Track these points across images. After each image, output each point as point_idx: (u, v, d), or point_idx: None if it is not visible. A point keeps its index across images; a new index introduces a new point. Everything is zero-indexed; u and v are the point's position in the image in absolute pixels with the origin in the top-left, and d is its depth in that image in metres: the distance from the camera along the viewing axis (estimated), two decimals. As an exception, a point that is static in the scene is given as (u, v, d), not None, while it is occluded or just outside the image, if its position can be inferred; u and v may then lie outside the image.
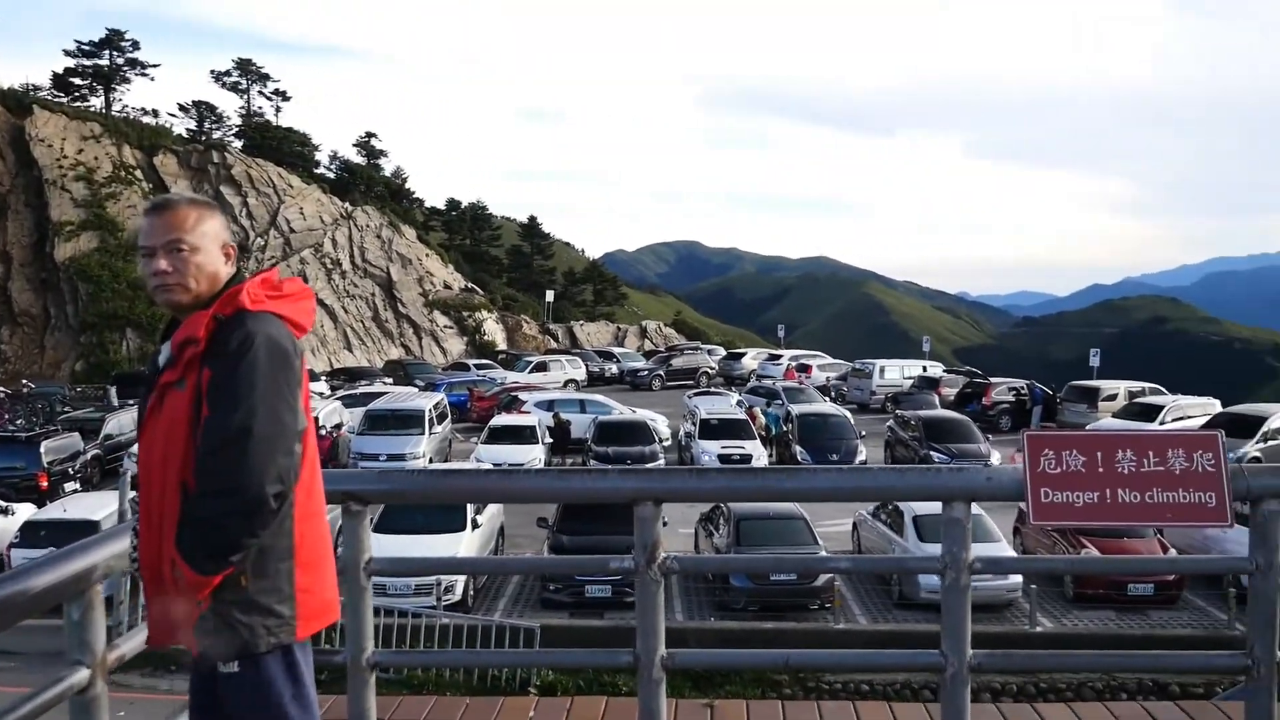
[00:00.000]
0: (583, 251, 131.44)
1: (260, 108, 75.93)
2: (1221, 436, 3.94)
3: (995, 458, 26.13)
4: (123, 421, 28.78)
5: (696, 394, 38.39)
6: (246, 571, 2.58)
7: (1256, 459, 27.29)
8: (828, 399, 38.94)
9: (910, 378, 42.15)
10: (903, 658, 6.71)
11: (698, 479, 4.19)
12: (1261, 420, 28.58)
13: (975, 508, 4.04)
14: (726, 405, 33.43)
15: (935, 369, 44.93)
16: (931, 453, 26.58)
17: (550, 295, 73.51)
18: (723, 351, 59.29)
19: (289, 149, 70.07)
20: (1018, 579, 17.09)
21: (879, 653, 9.34)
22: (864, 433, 30.18)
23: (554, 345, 66.19)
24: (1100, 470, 3.86)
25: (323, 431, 26.12)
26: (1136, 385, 36.79)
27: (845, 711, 4.15)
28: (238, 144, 68.66)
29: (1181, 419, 30.81)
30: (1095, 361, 40.18)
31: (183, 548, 2.50)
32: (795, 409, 31.01)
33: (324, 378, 44.86)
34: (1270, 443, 27.87)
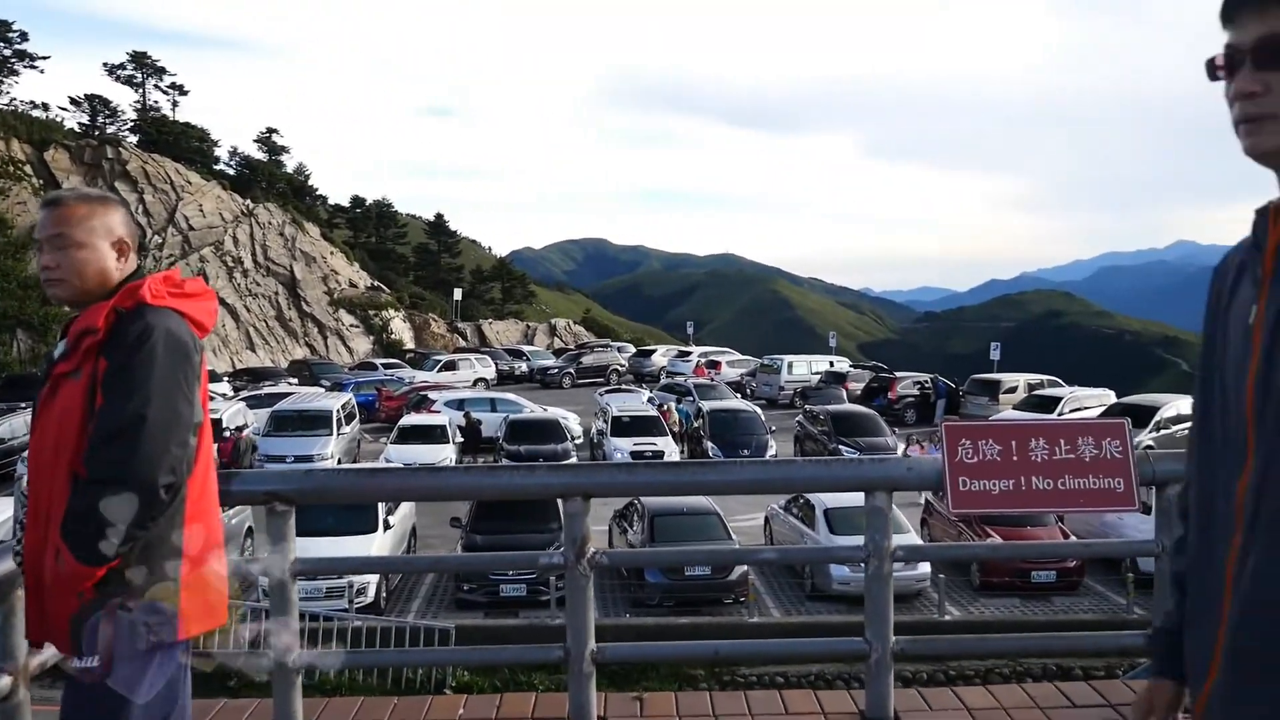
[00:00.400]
0: (490, 249, 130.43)
1: (156, 102, 73.51)
2: (1128, 424, 4.10)
3: (901, 450, 26.71)
4: (15, 425, 27.74)
5: (608, 391, 38.46)
6: (131, 565, 2.51)
7: (1150, 448, 28.31)
8: (738, 395, 39.34)
9: (818, 373, 42.74)
10: (828, 645, 6.81)
11: (626, 473, 4.22)
12: (1154, 410, 29.69)
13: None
14: (638, 402, 33.57)
15: (842, 364, 45.65)
16: (841, 447, 27.02)
17: (458, 293, 72.85)
18: (632, 349, 59.49)
19: (187, 144, 68.09)
20: (926, 569, 17.54)
21: (805, 641, 9.49)
22: (774, 428, 30.53)
23: (462, 344, 65.60)
24: (1015, 459, 3.98)
25: (226, 433, 25.54)
26: (1035, 378, 37.91)
27: (772, 700, 4.21)
28: (133, 139, 66.47)
29: (1079, 410, 31.81)
30: (996, 355, 41.26)
31: (68, 536, 2.43)
32: (706, 405, 31.26)
33: (226, 378, 43.78)
34: (1163, 432, 28.96)
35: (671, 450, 27.21)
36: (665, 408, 32.77)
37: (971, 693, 4.32)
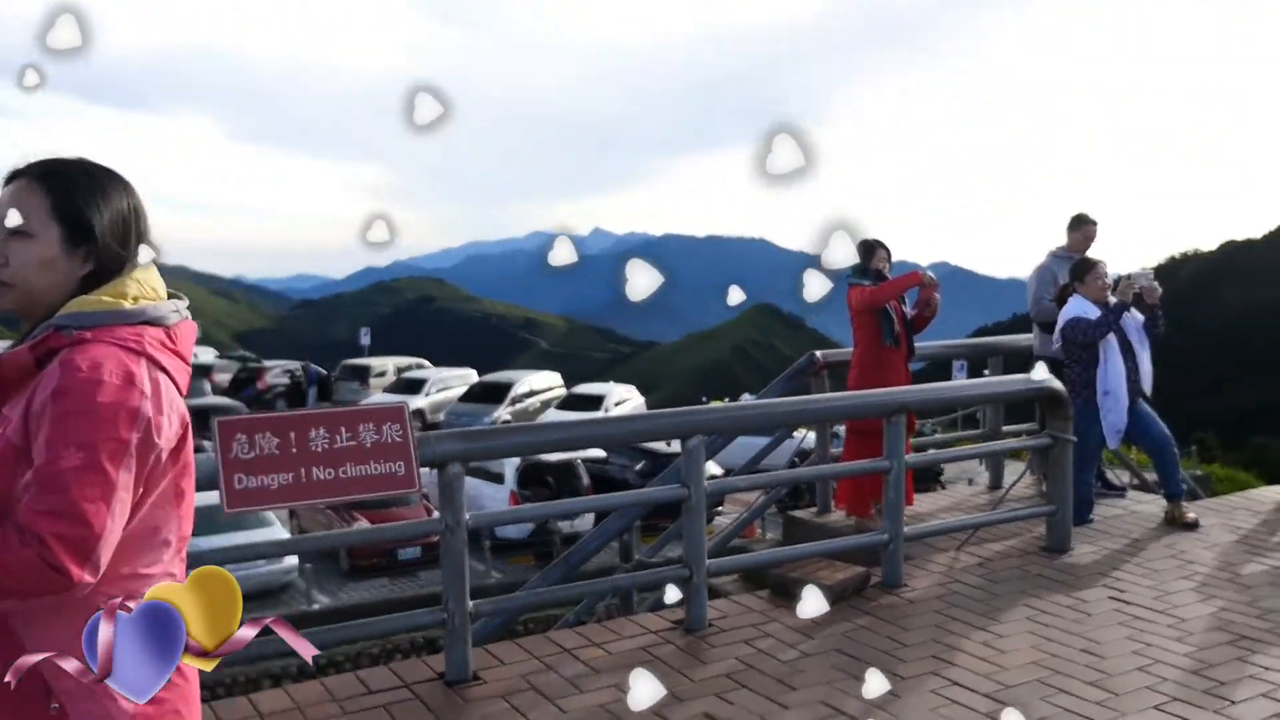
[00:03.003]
0: None
1: None
2: (408, 408, 4.13)
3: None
4: None
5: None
6: None
7: (508, 421, 30.46)
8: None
9: (181, 366, 40.18)
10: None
11: None
12: (509, 386, 31.90)
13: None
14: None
15: (207, 354, 43.36)
16: (205, 443, 25.57)
17: None
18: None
19: None
20: (293, 561, 17.18)
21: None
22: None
23: None
24: (294, 450, 3.82)
25: None
26: (404, 361, 38.93)
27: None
28: None
29: (445, 389, 33.27)
30: (365, 340, 41.61)
31: None
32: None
33: None
34: (517, 405, 31.24)
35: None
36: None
37: (268, 698, 4.12)
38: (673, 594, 4.67)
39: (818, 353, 7.33)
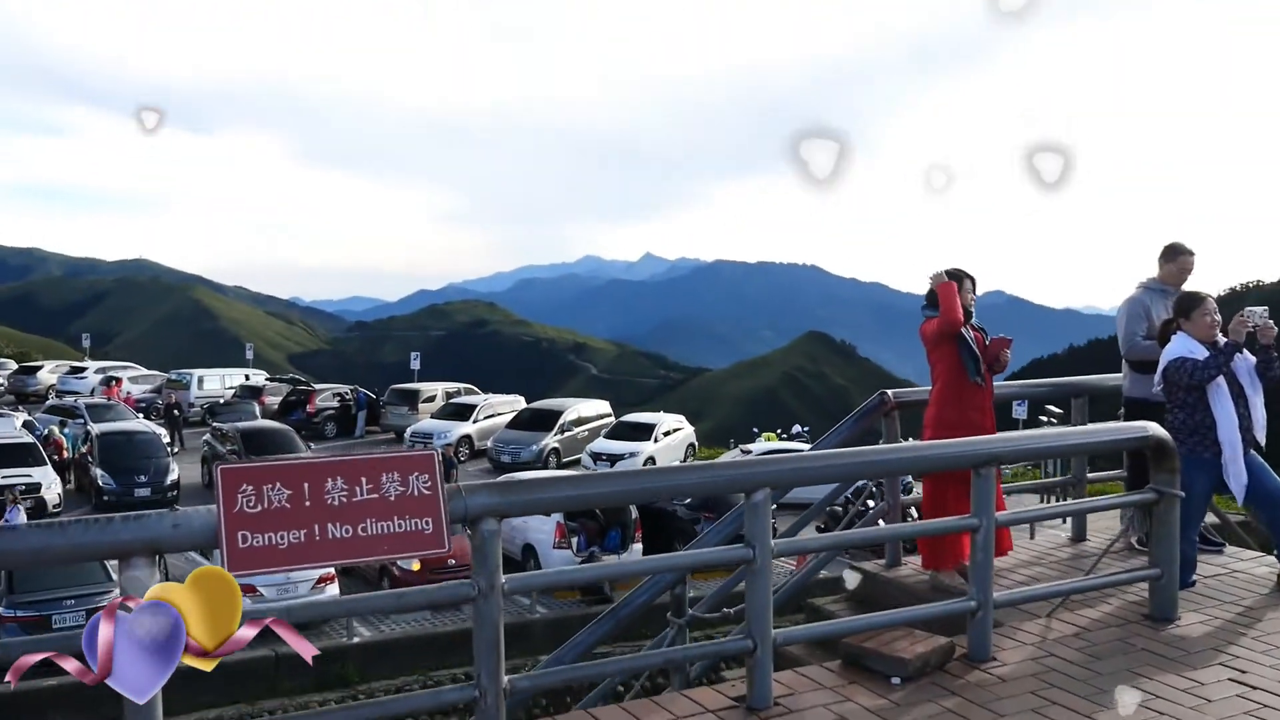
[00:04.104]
0: None
1: None
2: (438, 456, 3.64)
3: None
4: None
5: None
6: None
7: (555, 450, 30.05)
8: (140, 415, 35.78)
9: (232, 387, 40.33)
10: None
11: None
12: (558, 414, 31.45)
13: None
14: (9, 428, 29.07)
15: (258, 377, 43.46)
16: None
17: None
18: (13, 365, 51.86)
19: None
20: (334, 590, 16.91)
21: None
22: (176, 449, 28.08)
23: None
24: (308, 504, 3.35)
25: None
26: (453, 386, 38.75)
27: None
28: None
29: (493, 416, 32.94)
30: (415, 364, 41.54)
31: None
32: (97, 428, 27.85)
33: None
34: (566, 434, 30.78)
35: (50, 481, 23.88)
36: (49, 433, 28.81)
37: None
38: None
39: (889, 392, 6.77)
